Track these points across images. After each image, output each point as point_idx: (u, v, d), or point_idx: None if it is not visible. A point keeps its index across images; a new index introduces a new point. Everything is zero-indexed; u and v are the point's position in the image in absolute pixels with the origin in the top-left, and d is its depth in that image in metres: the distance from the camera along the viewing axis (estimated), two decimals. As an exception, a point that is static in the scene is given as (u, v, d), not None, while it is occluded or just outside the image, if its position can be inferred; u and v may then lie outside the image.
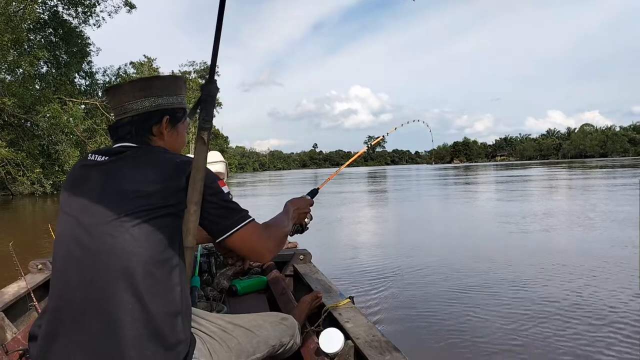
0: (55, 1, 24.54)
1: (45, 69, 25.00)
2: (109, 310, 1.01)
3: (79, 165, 1.22)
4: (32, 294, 2.11)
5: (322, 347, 1.48)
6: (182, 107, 1.30)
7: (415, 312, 3.51)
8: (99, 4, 25.33)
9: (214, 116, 1.24)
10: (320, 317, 1.79)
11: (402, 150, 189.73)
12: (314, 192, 1.73)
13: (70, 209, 1.14)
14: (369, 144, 1.87)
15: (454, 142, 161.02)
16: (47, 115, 21.21)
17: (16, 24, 19.46)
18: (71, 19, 25.40)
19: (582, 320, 3.19)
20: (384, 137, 2.15)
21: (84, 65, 27.18)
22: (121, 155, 1.16)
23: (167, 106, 1.25)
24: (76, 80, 27.23)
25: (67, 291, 1.06)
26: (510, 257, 5.36)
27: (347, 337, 1.53)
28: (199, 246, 2.53)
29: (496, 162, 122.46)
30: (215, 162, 2.58)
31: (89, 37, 26.52)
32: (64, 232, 1.13)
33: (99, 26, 25.90)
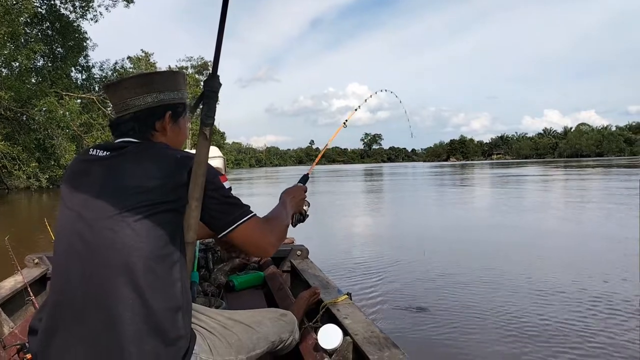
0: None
1: (41, 62, 24.83)
2: (110, 305, 1.01)
3: (79, 159, 1.22)
4: (28, 289, 2.11)
5: (321, 343, 1.48)
6: (183, 102, 1.30)
7: (412, 307, 3.51)
8: (97, -2, 25.23)
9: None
10: (318, 313, 1.80)
11: (398, 147, 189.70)
12: (305, 178, 1.74)
13: (71, 203, 1.13)
14: (345, 122, 2.06)
15: (451, 140, 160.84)
16: (44, 109, 21.08)
17: (13, 17, 19.30)
18: (68, 13, 25.27)
19: (582, 320, 3.20)
20: (358, 108, 2.29)
21: (81, 59, 27.00)
22: (122, 150, 1.15)
23: (169, 101, 1.25)
24: (72, 74, 27.05)
25: (67, 285, 1.06)
26: (508, 252, 5.41)
27: (345, 333, 1.53)
28: (197, 242, 2.53)
29: (492, 161, 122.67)
30: (213, 157, 2.58)
31: (86, 32, 26.39)
32: (65, 227, 1.12)
33: (96, 21, 25.74)
